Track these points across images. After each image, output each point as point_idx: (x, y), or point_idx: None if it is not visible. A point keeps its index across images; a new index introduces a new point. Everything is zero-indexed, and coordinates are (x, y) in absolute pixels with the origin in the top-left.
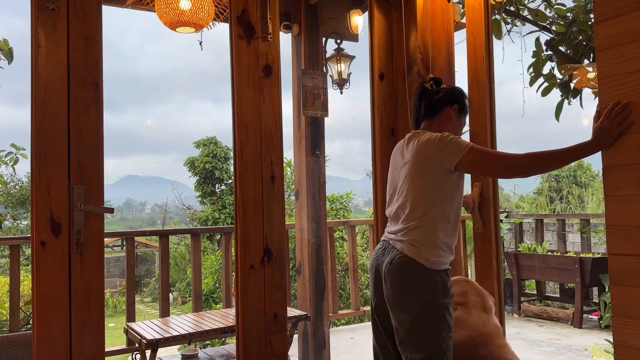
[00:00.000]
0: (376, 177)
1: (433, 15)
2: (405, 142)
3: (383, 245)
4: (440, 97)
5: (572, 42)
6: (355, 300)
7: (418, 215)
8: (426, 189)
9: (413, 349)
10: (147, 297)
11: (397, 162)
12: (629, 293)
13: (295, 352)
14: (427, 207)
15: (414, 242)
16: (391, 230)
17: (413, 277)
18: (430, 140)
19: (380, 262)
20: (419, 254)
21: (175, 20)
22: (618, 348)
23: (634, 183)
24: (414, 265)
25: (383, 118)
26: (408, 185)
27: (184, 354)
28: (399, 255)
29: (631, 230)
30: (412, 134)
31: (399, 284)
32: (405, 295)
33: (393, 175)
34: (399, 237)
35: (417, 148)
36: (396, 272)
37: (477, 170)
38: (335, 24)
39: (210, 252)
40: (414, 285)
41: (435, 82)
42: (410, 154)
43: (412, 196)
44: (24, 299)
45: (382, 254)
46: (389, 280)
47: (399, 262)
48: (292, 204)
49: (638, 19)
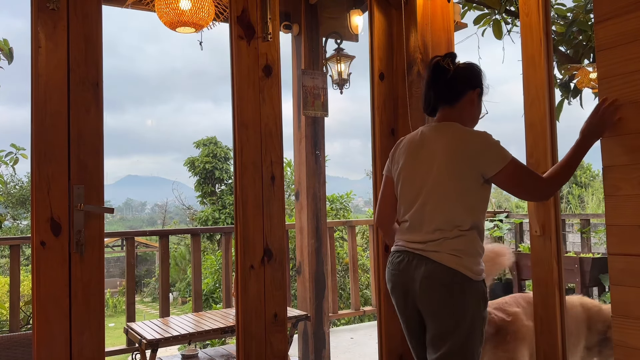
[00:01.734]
0: (376, 177)
1: (433, 15)
2: (425, 136)
3: (406, 258)
4: (461, 78)
5: (572, 42)
6: (355, 300)
7: (457, 223)
8: (463, 194)
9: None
10: (147, 297)
11: (417, 158)
12: (629, 293)
13: (295, 352)
14: (466, 214)
15: (456, 252)
16: (415, 239)
17: (460, 291)
18: (466, 139)
19: (409, 277)
20: (463, 265)
21: (175, 20)
22: (618, 348)
23: (634, 183)
24: (459, 278)
25: (383, 118)
26: (440, 188)
27: (184, 354)
28: (438, 267)
29: (631, 230)
30: (435, 126)
31: (442, 299)
32: (452, 311)
33: (411, 173)
34: (431, 247)
35: (449, 146)
36: (438, 287)
37: (511, 186)
38: (335, 24)
39: (210, 252)
40: (460, 299)
41: (452, 59)
42: (439, 151)
43: (447, 202)
44: (24, 299)
45: (409, 267)
46: (427, 296)
47: (441, 275)
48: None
49: (638, 19)
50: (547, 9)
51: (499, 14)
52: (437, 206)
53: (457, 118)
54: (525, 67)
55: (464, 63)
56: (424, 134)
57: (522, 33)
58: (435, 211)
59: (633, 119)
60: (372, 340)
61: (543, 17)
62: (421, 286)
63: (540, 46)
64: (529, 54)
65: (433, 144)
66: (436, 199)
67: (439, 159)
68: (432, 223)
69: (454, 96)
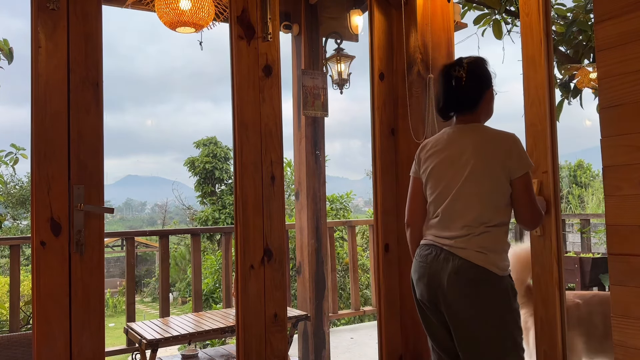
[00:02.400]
0: (376, 177)
1: (433, 15)
2: (453, 137)
3: (434, 252)
4: (476, 85)
5: (572, 42)
6: (355, 300)
7: (484, 220)
8: (493, 193)
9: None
10: (147, 297)
11: (446, 159)
12: (629, 293)
13: (295, 352)
14: (494, 212)
15: (482, 249)
16: (444, 234)
17: (486, 288)
18: (497, 139)
19: (436, 271)
20: (489, 261)
21: (176, 20)
22: (618, 348)
23: (634, 183)
24: (485, 275)
25: (383, 118)
26: (472, 187)
27: (184, 354)
28: (465, 264)
29: (631, 230)
30: (461, 127)
31: (470, 298)
32: (481, 309)
33: (441, 173)
34: (459, 244)
35: (480, 146)
36: (465, 283)
37: (522, 194)
38: (335, 24)
39: (210, 252)
40: (488, 297)
41: (463, 67)
42: (468, 151)
43: (478, 200)
44: (24, 299)
45: (436, 262)
46: (454, 293)
47: (468, 272)
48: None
49: (638, 19)
50: (547, 9)
51: (499, 14)
52: (467, 204)
53: (476, 119)
54: (526, 67)
55: (472, 63)
56: (450, 135)
57: (523, 33)
58: (466, 209)
59: (633, 119)
60: (372, 340)
61: (543, 17)
62: (449, 281)
63: (540, 46)
64: (529, 54)
65: (462, 145)
66: (467, 197)
67: (469, 158)
68: (462, 220)
69: (474, 103)
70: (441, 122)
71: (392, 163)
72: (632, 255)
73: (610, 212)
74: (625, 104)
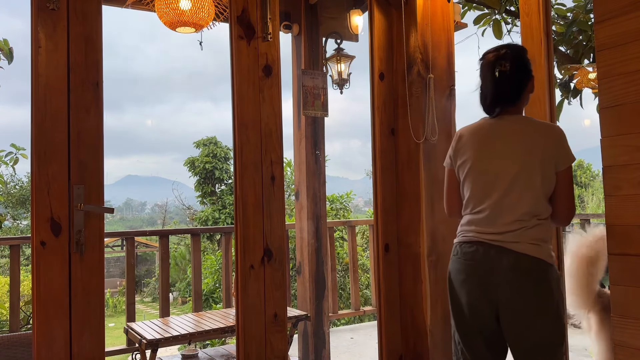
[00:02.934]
0: (376, 177)
1: (433, 15)
2: (496, 128)
3: (481, 248)
4: (521, 77)
5: (572, 42)
6: (355, 300)
7: (536, 213)
8: (544, 185)
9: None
10: (147, 297)
11: (491, 151)
12: (629, 293)
13: (295, 352)
14: (545, 205)
15: (535, 241)
16: (490, 230)
17: (546, 279)
18: (546, 131)
19: (489, 268)
20: (543, 252)
21: (176, 20)
22: (618, 348)
23: (634, 183)
24: (543, 266)
25: (383, 118)
26: (524, 180)
27: (184, 354)
28: (522, 257)
29: (631, 230)
30: (505, 119)
31: (531, 290)
32: (541, 300)
33: (485, 166)
34: (510, 238)
35: (531, 138)
36: (525, 277)
37: (565, 186)
38: (335, 24)
39: (210, 252)
40: (548, 287)
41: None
42: (517, 143)
43: (531, 194)
44: (24, 299)
45: (487, 259)
46: (513, 289)
47: (526, 265)
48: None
49: (638, 19)
50: (547, 9)
51: (499, 14)
52: (520, 198)
53: (519, 110)
54: None
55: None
56: (493, 126)
57: (523, 33)
58: (518, 203)
59: (633, 119)
60: (372, 340)
61: (543, 17)
62: (507, 277)
63: (540, 46)
64: (529, 54)
65: (509, 137)
66: (519, 191)
67: (519, 151)
68: (512, 214)
69: (518, 94)
70: (441, 120)
71: (392, 163)
72: (632, 255)
73: (610, 212)
74: (625, 104)
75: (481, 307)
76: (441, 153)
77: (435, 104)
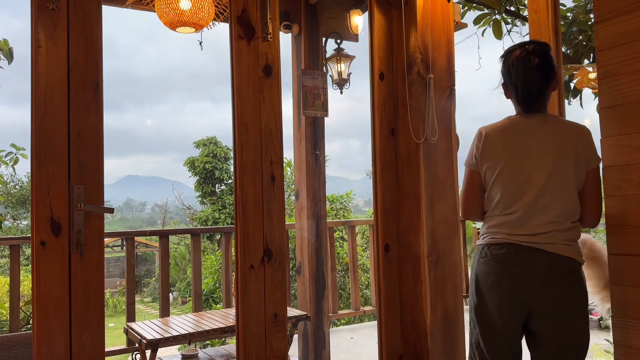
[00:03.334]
0: (376, 177)
1: (433, 15)
2: (525, 128)
3: (512, 250)
4: (549, 74)
5: (572, 42)
6: (355, 300)
7: (569, 216)
8: (578, 187)
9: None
10: (147, 297)
11: (522, 151)
12: (629, 293)
13: (295, 352)
14: (577, 206)
15: (568, 242)
16: (521, 232)
17: (579, 278)
18: (577, 131)
19: (522, 270)
20: (575, 252)
21: (176, 20)
22: (618, 348)
23: (634, 183)
24: (576, 265)
25: (383, 118)
26: (559, 181)
27: (184, 354)
28: (557, 258)
29: (631, 230)
30: (534, 117)
31: (566, 291)
32: (578, 300)
33: (516, 167)
34: (543, 240)
35: (562, 138)
36: (560, 277)
37: (594, 186)
38: (335, 24)
39: (210, 252)
40: (581, 287)
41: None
42: (548, 143)
43: (564, 195)
44: (24, 299)
45: (521, 260)
46: (549, 290)
47: (562, 266)
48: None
49: (638, 19)
50: (556, 6)
51: (499, 14)
52: (554, 199)
53: (544, 107)
54: None
55: (544, 50)
56: (521, 125)
57: (531, 30)
58: (552, 204)
59: (633, 119)
60: (372, 340)
61: (552, 14)
62: (542, 278)
63: (549, 44)
64: None
65: (539, 136)
66: (553, 191)
67: (553, 150)
68: (546, 216)
69: (543, 92)
70: (441, 120)
71: (392, 163)
72: (632, 255)
73: (610, 212)
74: (625, 104)
75: (512, 310)
76: (441, 153)
77: (435, 104)
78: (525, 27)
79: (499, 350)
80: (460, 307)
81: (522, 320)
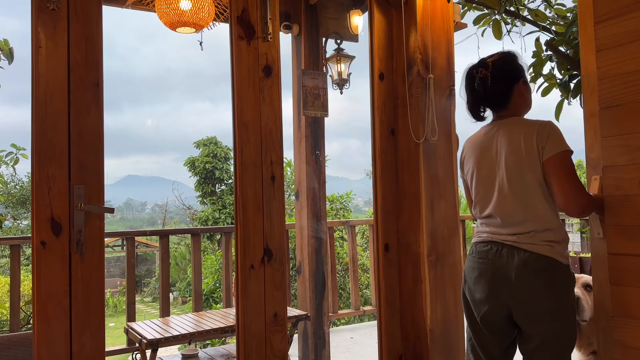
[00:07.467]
0: (376, 177)
1: (433, 15)
2: (489, 134)
3: (495, 247)
4: (503, 80)
5: (572, 42)
6: (355, 300)
7: (539, 214)
8: (539, 183)
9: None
10: (147, 297)
11: (485, 157)
12: (629, 293)
13: (295, 352)
14: (548, 205)
15: (547, 242)
16: (503, 232)
17: (558, 278)
18: (529, 128)
19: (501, 265)
20: (555, 252)
21: (176, 21)
22: (618, 348)
23: (634, 183)
24: (554, 265)
25: (383, 118)
26: (514, 182)
27: (184, 353)
28: (532, 256)
29: (631, 230)
30: (497, 124)
31: (541, 288)
32: (557, 300)
33: (482, 172)
34: (523, 240)
35: (515, 138)
36: (535, 274)
37: (554, 176)
38: (335, 24)
39: (211, 252)
40: (561, 287)
41: (486, 66)
42: (504, 146)
43: (526, 192)
44: (24, 298)
45: (499, 257)
46: (523, 286)
47: (536, 263)
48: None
49: (638, 19)
50: None
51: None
52: (516, 199)
53: (513, 113)
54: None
55: (495, 61)
56: (487, 132)
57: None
58: (515, 205)
59: (633, 119)
60: (372, 340)
61: None
62: (516, 274)
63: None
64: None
65: (499, 140)
66: (514, 192)
67: (505, 154)
68: (516, 216)
69: (504, 100)
70: (441, 120)
71: (392, 163)
72: (632, 255)
73: (610, 212)
74: (625, 104)
75: (494, 303)
76: (441, 153)
77: (435, 104)
78: (526, 27)
79: (487, 343)
80: (460, 307)
81: (506, 315)
